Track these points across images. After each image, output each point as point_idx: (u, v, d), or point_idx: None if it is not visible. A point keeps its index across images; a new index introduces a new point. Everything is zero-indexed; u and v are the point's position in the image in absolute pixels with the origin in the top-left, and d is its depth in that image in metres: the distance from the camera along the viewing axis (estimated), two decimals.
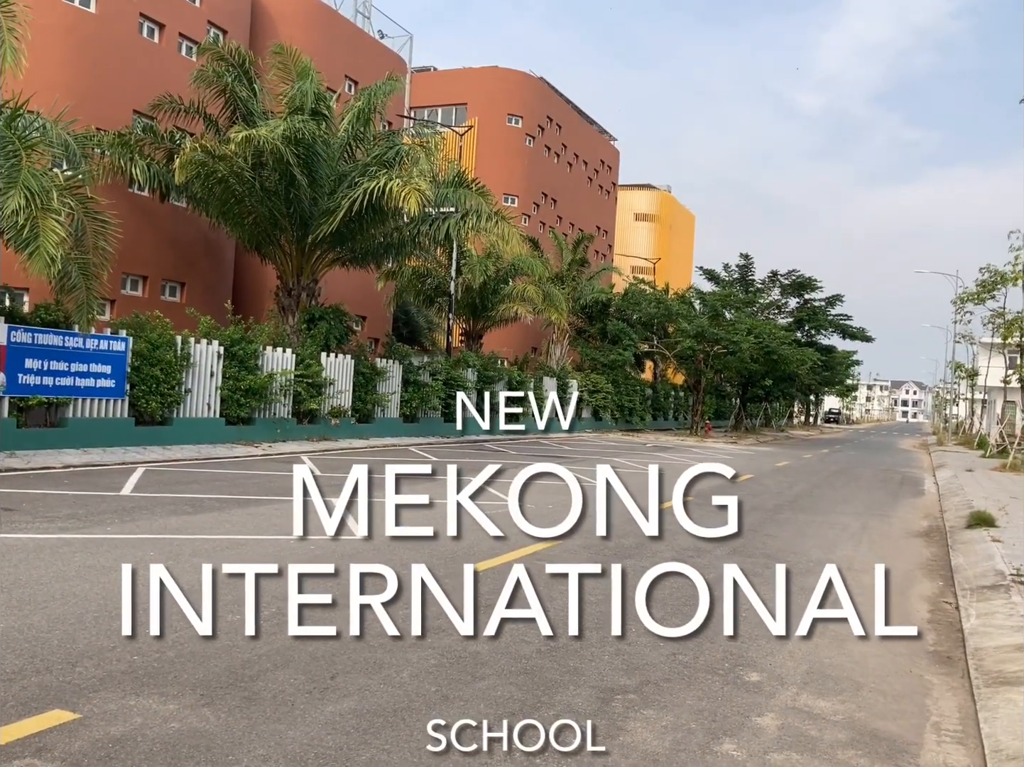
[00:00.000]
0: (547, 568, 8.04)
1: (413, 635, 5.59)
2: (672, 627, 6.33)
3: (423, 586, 6.87)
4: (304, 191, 20.99)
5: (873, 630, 4.06)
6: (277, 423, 20.07)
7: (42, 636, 5.08)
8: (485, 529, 10.48)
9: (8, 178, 11.96)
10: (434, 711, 4.51)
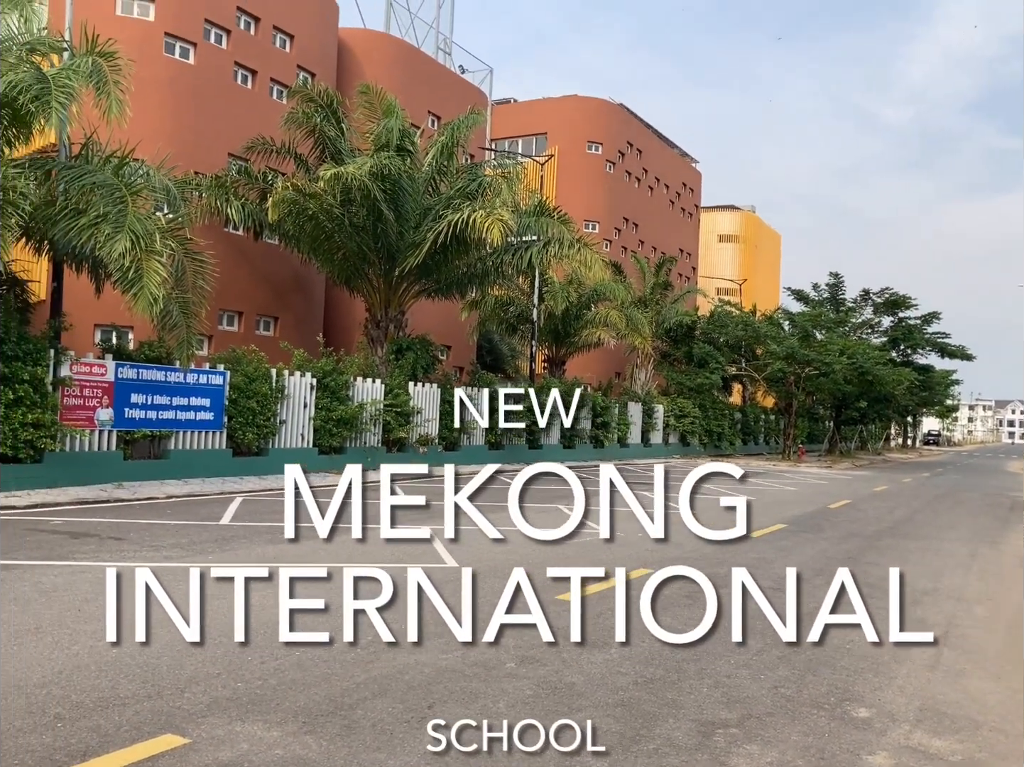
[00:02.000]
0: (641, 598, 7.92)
1: (508, 665, 5.59)
2: (770, 659, 6.16)
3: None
4: (391, 225, 21.49)
5: (990, 665, 3.86)
6: (367, 452, 20.45)
7: (152, 662, 5.27)
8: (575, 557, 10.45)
9: (116, 223, 12.62)
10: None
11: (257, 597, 7.13)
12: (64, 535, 9.78)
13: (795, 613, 7.71)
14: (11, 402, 12.92)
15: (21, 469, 13.22)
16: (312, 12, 25.83)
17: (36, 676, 4.91)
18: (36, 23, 16.54)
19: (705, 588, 8.39)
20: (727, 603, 7.76)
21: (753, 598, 8.14)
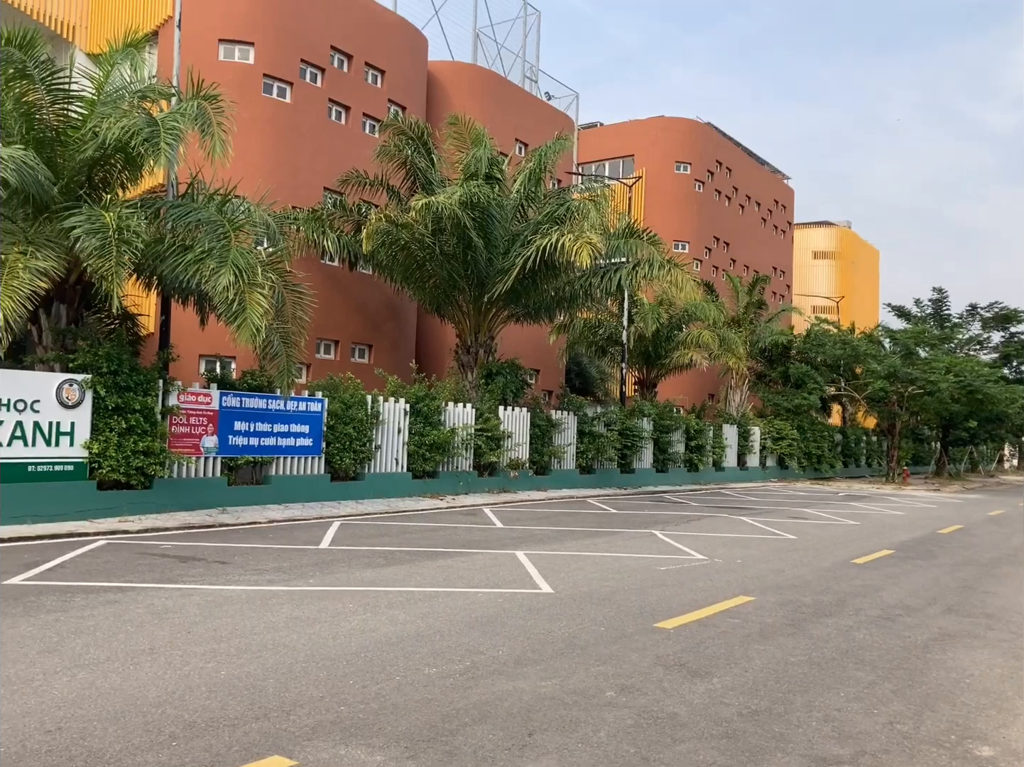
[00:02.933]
0: (742, 626, 7.73)
1: (607, 693, 5.51)
2: (883, 692, 5.87)
3: (611, 643, 6.77)
4: (480, 252, 21.76)
5: None
6: (459, 476, 20.62)
7: (259, 684, 5.40)
8: (672, 584, 10.25)
9: (220, 258, 13.15)
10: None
11: (357, 620, 7.28)
12: (173, 559, 10.15)
13: (908, 644, 7.38)
14: (124, 431, 13.55)
15: (133, 495, 13.82)
16: (402, 47, 26.54)
17: (152, 695, 5.09)
18: (145, 71, 17.50)
19: (808, 616, 8.12)
20: (833, 632, 7.49)
21: (862, 627, 7.84)
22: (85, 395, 13.16)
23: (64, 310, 14.10)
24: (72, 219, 12.46)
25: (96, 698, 4.99)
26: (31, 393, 12.58)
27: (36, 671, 5.45)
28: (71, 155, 13.59)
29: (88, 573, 9.01)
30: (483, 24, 31.94)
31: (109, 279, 11.97)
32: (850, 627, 7.80)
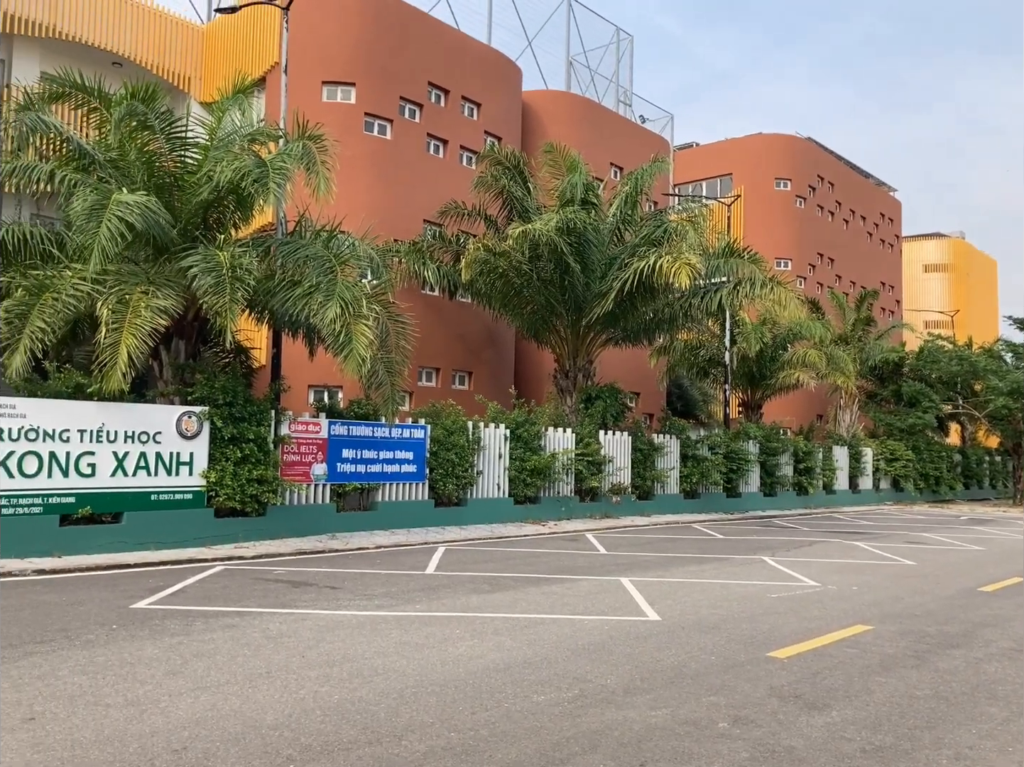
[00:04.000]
0: (861, 656, 7.41)
1: (720, 724, 5.36)
2: (1019, 729, 5.51)
3: (722, 672, 6.60)
4: (577, 277, 21.81)
5: None
6: (561, 501, 20.57)
7: (370, 709, 5.49)
8: (784, 612, 9.91)
9: (327, 292, 13.61)
10: None
11: (464, 646, 7.32)
12: (286, 584, 10.46)
13: None
14: (239, 460, 14.09)
15: (248, 522, 14.34)
16: (497, 80, 27.03)
17: (269, 718, 5.24)
18: (254, 115, 18.38)
19: (933, 647, 7.72)
20: (961, 665, 7.10)
21: (993, 659, 7.40)
22: (203, 426, 13.77)
23: (183, 346, 14.82)
24: (189, 259, 13.13)
25: (218, 720, 5.17)
26: (153, 425, 13.24)
27: (162, 692, 5.70)
28: (188, 199, 14.34)
29: (207, 598, 9.38)
30: (576, 52, 32.24)
31: (224, 315, 12.52)
32: (980, 659, 7.38)
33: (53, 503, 12.10)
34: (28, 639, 7.12)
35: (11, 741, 4.73)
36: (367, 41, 23.65)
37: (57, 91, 14.78)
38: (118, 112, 13.70)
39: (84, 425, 12.47)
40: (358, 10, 23.75)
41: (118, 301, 12.38)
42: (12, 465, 11.71)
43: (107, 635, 7.34)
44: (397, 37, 24.16)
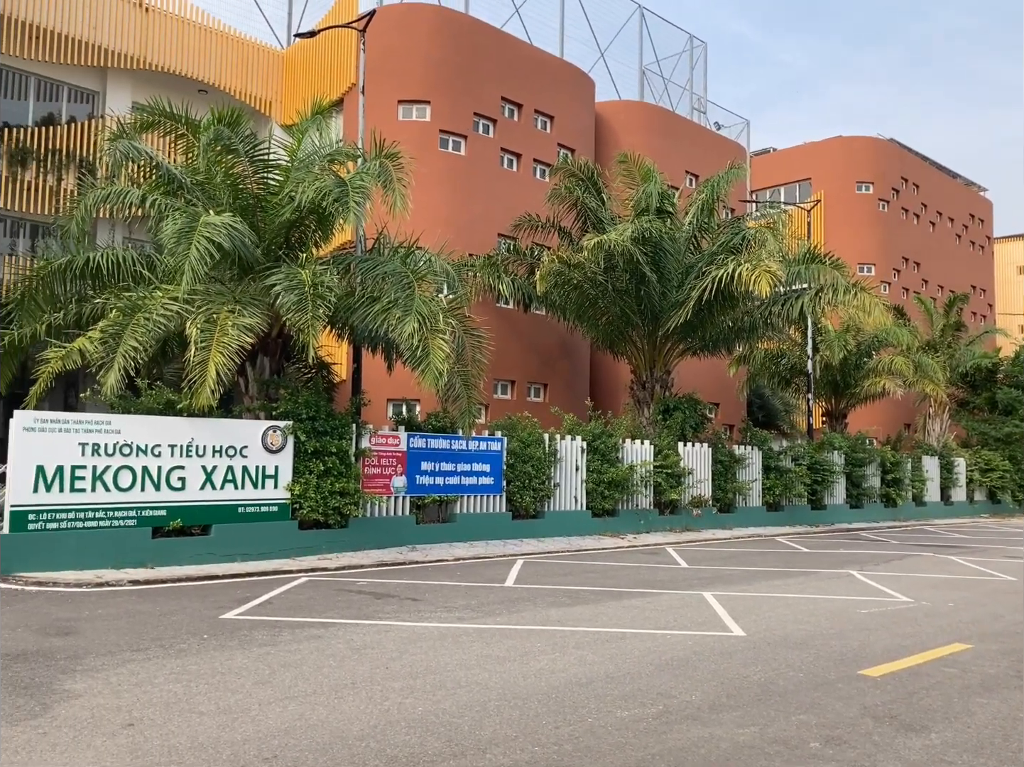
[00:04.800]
0: (960, 676, 7.10)
1: (812, 744, 5.20)
2: None
3: (811, 690, 6.40)
4: (653, 287, 21.63)
5: None
6: (640, 514, 20.34)
7: (454, 722, 5.51)
8: (875, 628, 9.57)
9: (405, 307, 13.81)
10: None
11: (546, 660, 7.29)
12: (369, 595, 10.61)
13: None
14: (322, 473, 14.38)
15: (331, 533, 14.60)
16: (569, 91, 27.09)
17: (355, 729, 5.31)
18: (332, 135, 18.81)
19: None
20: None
21: None
22: (287, 440, 14.11)
23: (267, 362, 15.22)
24: (272, 278, 13.50)
25: (306, 729, 5.26)
26: (240, 440, 13.63)
27: (252, 702, 5.83)
28: (271, 219, 14.76)
29: (293, 609, 9.57)
30: (648, 61, 32.10)
31: (306, 331, 12.82)
32: None
33: (146, 516, 12.55)
34: (125, 647, 7.39)
35: (112, 746, 4.90)
36: (441, 59, 24.01)
37: (147, 120, 15.43)
38: (205, 137, 14.21)
39: (175, 440, 12.90)
40: (432, 29, 24.14)
41: (206, 320, 12.79)
42: (108, 479, 12.20)
43: (199, 644, 7.56)
44: (471, 54, 24.46)
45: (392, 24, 23.45)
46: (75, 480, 11.90)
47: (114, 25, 22.80)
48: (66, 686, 6.11)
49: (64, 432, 11.90)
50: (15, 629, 8.06)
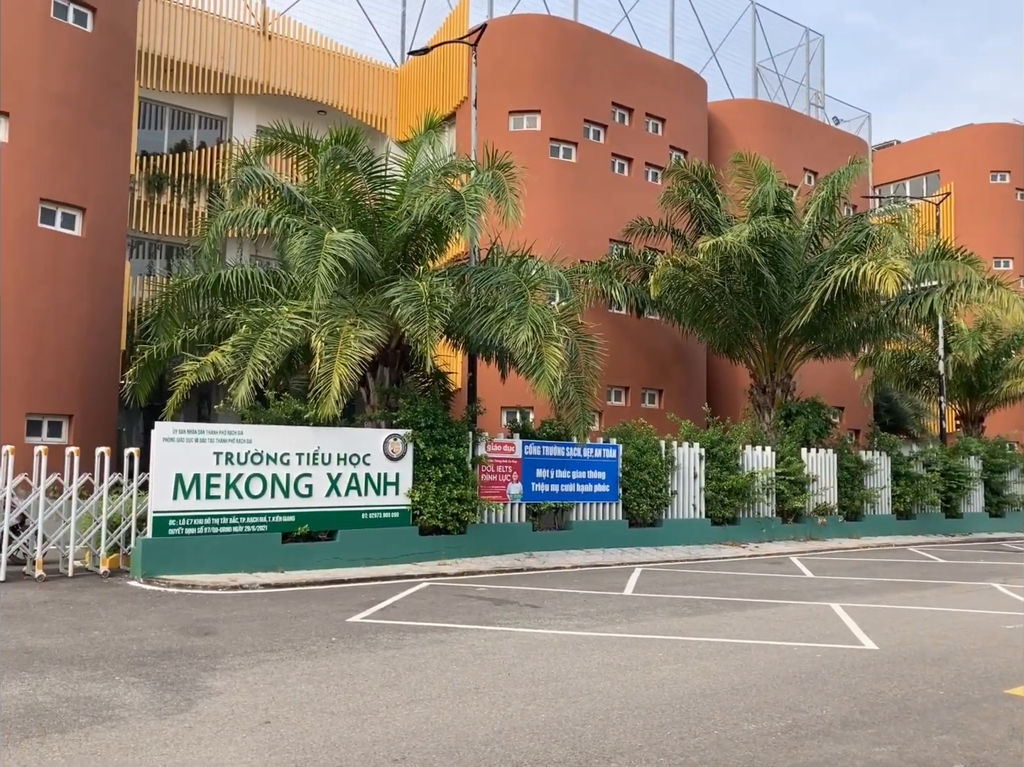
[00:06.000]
0: None
1: (958, 765, 4.93)
2: None
3: (953, 709, 6.07)
4: (772, 288, 21.06)
5: None
6: (761, 522, 19.79)
7: (577, 729, 5.50)
8: (1022, 645, 9.00)
9: (518, 316, 13.94)
10: None
11: (668, 670, 7.19)
12: (488, 601, 10.72)
13: None
14: (440, 480, 14.64)
15: (450, 539, 14.85)
16: (681, 93, 26.74)
17: (480, 734, 5.37)
18: (446, 149, 19.20)
19: None
20: None
21: None
22: (407, 448, 14.44)
23: (387, 372, 15.64)
24: (391, 291, 13.87)
25: (432, 732, 5.37)
26: (362, 448, 14.04)
27: (380, 704, 5.99)
28: (388, 233, 15.17)
29: (416, 613, 9.78)
30: (762, 58, 31.36)
31: (423, 342, 13.11)
32: None
33: (276, 522, 13.09)
34: (260, 647, 7.72)
35: (251, 742, 5.13)
36: (551, 68, 24.15)
37: (271, 142, 16.14)
38: (324, 157, 14.74)
39: (301, 449, 13.42)
40: (542, 39, 24.32)
41: (330, 333, 13.26)
42: (241, 487, 12.79)
43: (327, 647, 7.82)
44: (580, 61, 24.50)
45: (502, 36, 23.74)
46: (210, 488, 12.54)
47: (240, 54, 24.00)
48: (207, 683, 6.43)
49: (200, 442, 12.55)
50: (160, 628, 8.55)
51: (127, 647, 7.62)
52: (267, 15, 24.67)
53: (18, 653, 7.31)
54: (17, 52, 17.38)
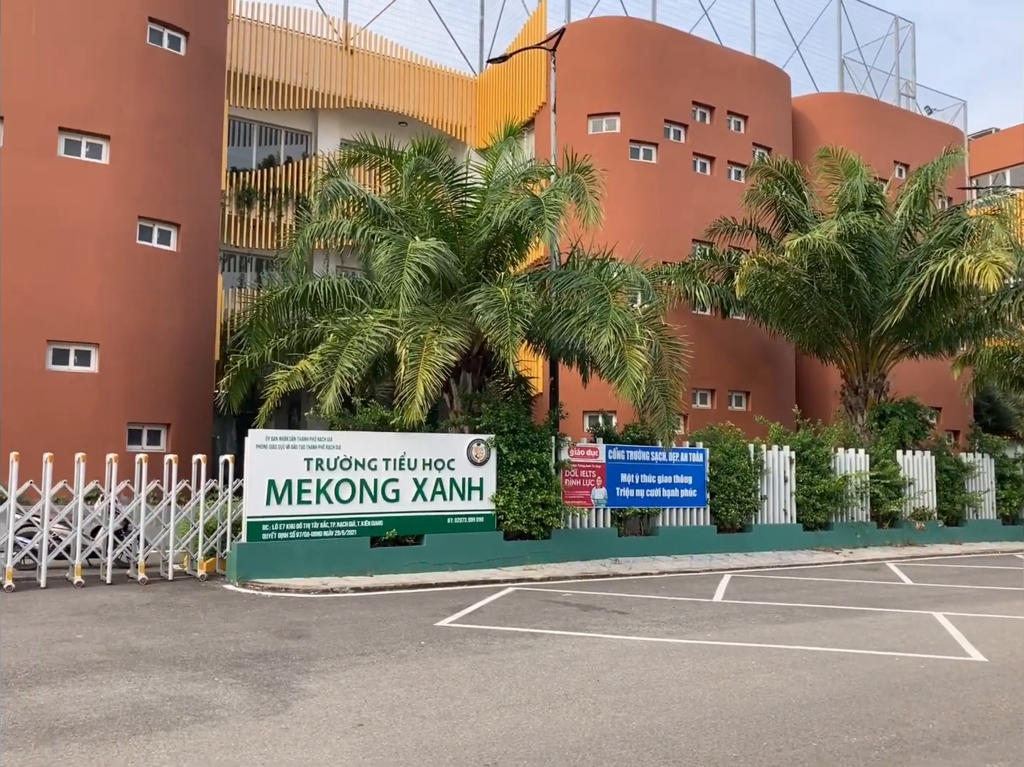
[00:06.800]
0: None
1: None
2: None
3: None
4: (863, 285, 20.41)
5: None
6: (856, 527, 19.15)
7: (669, 738, 5.40)
8: None
9: (600, 319, 13.85)
10: None
11: (761, 678, 7.01)
12: (575, 607, 10.66)
13: None
14: (524, 484, 14.65)
15: (534, 544, 14.83)
16: (764, 89, 26.18)
17: (571, 740, 5.33)
18: (524, 155, 19.24)
19: None
20: None
21: None
22: (490, 453, 14.50)
23: (469, 378, 15.74)
24: (473, 297, 13.95)
25: (523, 738, 5.35)
26: (447, 453, 14.16)
27: (470, 708, 6.01)
28: (470, 241, 15.28)
29: (503, 618, 9.79)
30: (848, 49, 30.48)
31: (505, 347, 13.13)
32: None
33: (364, 526, 13.31)
34: (352, 651, 7.85)
35: (345, 744, 5.21)
36: (630, 70, 23.97)
37: (354, 155, 16.46)
38: (407, 168, 14.92)
39: (388, 454, 13.61)
40: (620, 41, 24.16)
41: (414, 340, 13.42)
42: (331, 492, 13.06)
43: (417, 650, 7.90)
44: (659, 61, 24.24)
45: (580, 40, 23.67)
46: (302, 493, 12.83)
47: (324, 69, 24.60)
48: (302, 685, 6.57)
49: (291, 449, 12.87)
50: (256, 631, 8.78)
51: (225, 649, 7.85)
52: (349, 30, 25.22)
53: (124, 653, 7.62)
54: (117, 78, 18.19)
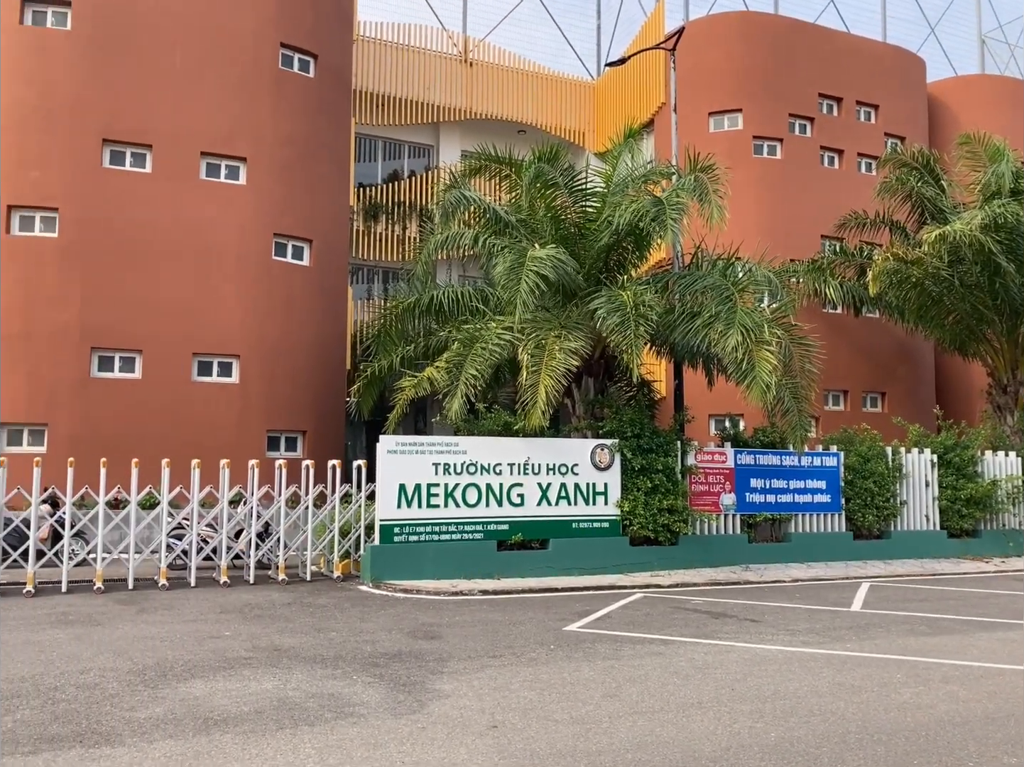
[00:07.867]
0: None
1: None
2: None
3: None
4: (1011, 278, 19.19)
5: None
6: (1007, 535, 17.96)
7: (812, 751, 5.22)
8: None
9: (726, 320, 13.57)
10: None
11: (908, 693, 6.70)
12: (705, 614, 10.46)
13: None
14: (649, 490, 14.49)
15: (661, 550, 14.64)
16: (895, 76, 25.04)
17: (707, 750, 5.23)
18: (644, 156, 19.05)
19: None
20: None
21: None
22: (614, 458, 14.42)
23: (591, 383, 15.71)
24: (595, 302, 13.94)
25: (657, 746, 5.29)
26: (570, 458, 14.18)
27: (602, 714, 5.99)
28: (590, 245, 15.26)
29: (632, 624, 9.71)
30: (989, 28, 28.74)
31: (628, 351, 13.05)
32: None
33: (491, 530, 13.49)
34: (483, 653, 7.96)
35: (480, 745, 5.29)
36: (751, 65, 23.41)
37: (475, 166, 16.71)
38: (527, 176, 15.06)
39: (512, 459, 13.75)
40: (740, 36, 23.65)
41: (535, 346, 13.52)
42: (458, 496, 13.30)
43: (547, 654, 7.93)
44: (782, 55, 23.58)
45: (699, 38, 23.29)
46: (430, 497, 13.13)
47: (444, 83, 25.14)
48: (436, 686, 6.71)
49: (420, 454, 13.19)
50: (390, 631, 9.04)
51: (362, 648, 8.12)
52: (468, 43, 25.69)
53: (269, 650, 7.99)
54: (253, 103, 19.16)
